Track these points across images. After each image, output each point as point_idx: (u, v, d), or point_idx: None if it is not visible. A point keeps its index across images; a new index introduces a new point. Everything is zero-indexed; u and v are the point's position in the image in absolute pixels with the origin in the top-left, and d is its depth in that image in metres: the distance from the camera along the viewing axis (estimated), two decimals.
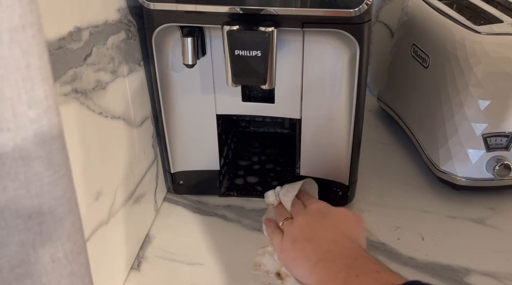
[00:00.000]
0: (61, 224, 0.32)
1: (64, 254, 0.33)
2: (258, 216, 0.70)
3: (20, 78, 0.28)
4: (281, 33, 0.57)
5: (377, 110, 0.94)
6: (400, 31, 0.84)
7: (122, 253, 0.59)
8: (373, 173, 0.78)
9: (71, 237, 0.33)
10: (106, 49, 0.52)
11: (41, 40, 0.29)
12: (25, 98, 0.28)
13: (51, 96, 0.29)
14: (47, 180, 0.30)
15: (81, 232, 0.34)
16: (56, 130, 0.30)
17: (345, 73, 0.61)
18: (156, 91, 0.64)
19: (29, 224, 0.31)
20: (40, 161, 0.30)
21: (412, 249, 0.64)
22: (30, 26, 0.28)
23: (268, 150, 0.83)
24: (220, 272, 0.61)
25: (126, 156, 0.59)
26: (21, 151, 0.29)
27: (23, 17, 0.27)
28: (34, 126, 0.29)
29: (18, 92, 0.28)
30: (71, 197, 0.32)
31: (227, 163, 0.77)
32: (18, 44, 0.27)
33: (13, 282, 0.32)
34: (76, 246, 0.34)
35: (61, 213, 0.32)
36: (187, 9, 0.56)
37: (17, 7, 0.27)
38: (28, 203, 0.30)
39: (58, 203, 0.31)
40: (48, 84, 0.29)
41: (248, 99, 0.67)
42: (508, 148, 0.68)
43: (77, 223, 0.33)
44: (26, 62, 0.28)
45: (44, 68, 0.29)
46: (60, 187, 0.31)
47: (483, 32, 0.65)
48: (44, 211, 0.31)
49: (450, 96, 0.68)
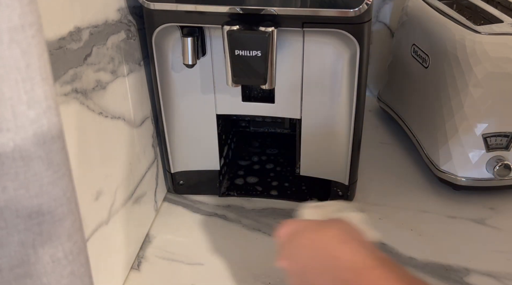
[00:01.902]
0: (61, 224, 0.32)
1: (64, 254, 0.33)
2: (258, 216, 0.70)
3: (20, 78, 0.28)
4: (281, 33, 0.57)
5: (377, 110, 0.94)
6: (400, 31, 0.84)
7: (122, 253, 0.59)
8: (373, 173, 0.78)
9: (71, 237, 0.33)
10: (106, 49, 0.52)
11: (41, 40, 0.28)
12: (25, 98, 0.28)
13: (51, 97, 0.29)
14: (47, 180, 0.30)
15: (81, 232, 0.34)
16: (55, 131, 0.30)
17: (345, 73, 0.61)
18: (156, 91, 0.64)
19: (29, 224, 0.31)
20: (40, 161, 0.30)
21: (412, 249, 0.64)
22: (29, 26, 0.28)
23: (268, 150, 0.83)
24: (220, 272, 0.61)
25: (126, 156, 0.59)
26: (21, 151, 0.29)
27: (22, 17, 0.27)
28: (33, 127, 0.29)
29: (18, 92, 0.28)
30: (71, 197, 0.32)
31: (227, 163, 0.77)
32: (17, 44, 0.27)
33: (13, 282, 0.32)
34: (76, 246, 0.33)
35: (61, 213, 0.32)
36: (187, 9, 0.56)
37: (17, 7, 0.27)
38: (27, 203, 0.30)
39: (58, 203, 0.31)
40: (48, 85, 0.29)
41: (248, 99, 0.67)
42: (508, 148, 0.68)
43: (77, 223, 0.33)
44: (26, 62, 0.28)
45: (44, 68, 0.29)
46: (60, 187, 0.31)
47: (483, 32, 0.65)
48: (44, 211, 0.31)
49: (450, 96, 0.68)
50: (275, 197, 0.73)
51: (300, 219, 0.53)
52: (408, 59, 0.79)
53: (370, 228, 0.56)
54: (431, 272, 0.60)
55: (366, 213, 0.70)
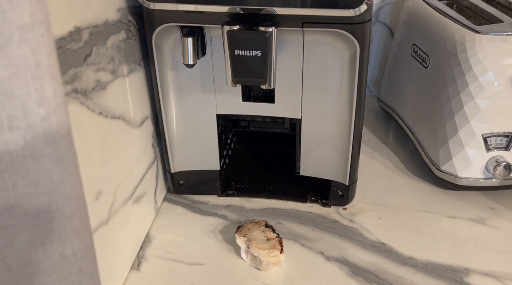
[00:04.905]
0: (69, 221, 0.32)
1: (73, 251, 0.33)
2: (258, 216, 0.70)
3: (30, 76, 0.28)
4: (281, 33, 0.57)
5: (377, 110, 0.94)
6: (400, 31, 0.84)
7: (122, 253, 0.59)
8: (373, 173, 0.78)
9: (80, 234, 0.33)
10: (106, 49, 0.52)
11: (50, 39, 0.29)
12: (35, 96, 0.28)
13: (59, 95, 0.30)
14: (56, 178, 0.31)
15: (89, 229, 0.34)
16: (64, 128, 0.30)
17: (345, 73, 0.61)
18: (156, 91, 0.64)
19: (38, 222, 0.31)
20: (50, 159, 0.30)
21: (412, 249, 0.64)
22: (39, 24, 0.28)
23: (268, 149, 0.83)
24: (220, 272, 0.61)
25: (126, 156, 0.59)
26: (31, 148, 0.29)
27: (32, 16, 0.27)
28: (43, 124, 0.29)
29: (28, 90, 0.28)
30: (79, 194, 0.32)
31: (227, 163, 0.77)
32: (27, 42, 0.27)
33: (22, 281, 0.32)
34: (84, 243, 0.34)
35: (70, 210, 0.32)
36: (187, 9, 0.56)
37: (27, 6, 0.27)
38: (37, 201, 0.30)
39: (67, 201, 0.31)
40: (56, 83, 0.29)
41: (248, 99, 0.67)
42: (508, 148, 0.68)
43: (85, 220, 0.34)
44: (36, 60, 0.28)
45: (53, 67, 0.29)
46: (69, 184, 0.31)
47: (483, 32, 0.65)
48: (53, 208, 0.31)
49: (450, 96, 0.68)
50: (275, 197, 0.73)
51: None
52: (408, 59, 0.80)
53: (369, 227, 0.54)
54: (431, 272, 0.60)
55: (366, 213, 0.70)
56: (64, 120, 0.30)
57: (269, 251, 0.60)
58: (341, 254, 0.63)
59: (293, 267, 0.61)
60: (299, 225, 0.68)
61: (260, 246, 0.60)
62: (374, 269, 0.61)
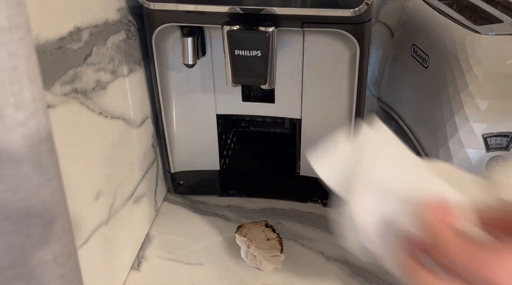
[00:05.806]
0: (50, 226, 0.31)
1: (53, 257, 0.32)
2: (258, 216, 0.70)
3: (7, 80, 0.27)
4: (281, 33, 0.57)
5: (377, 110, 0.94)
6: (400, 31, 0.84)
7: (122, 253, 0.59)
8: None
9: (61, 240, 0.32)
10: (106, 49, 0.52)
11: (29, 42, 0.28)
12: (12, 100, 0.28)
13: (39, 99, 0.29)
14: (36, 183, 0.30)
15: (71, 235, 0.34)
16: (44, 133, 0.30)
17: (345, 73, 0.61)
18: (156, 91, 0.64)
19: (18, 227, 0.30)
20: (28, 164, 0.29)
21: None
22: (17, 28, 0.27)
23: (268, 149, 0.83)
24: (220, 272, 0.61)
25: (126, 156, 0.59)
26: (9, 153, 0.29)
27: (10, 19, 0.27)
28: (21, 129, 0.29)
29: (5, 94, 0.28)
30: (60, 199, 0.32)
31: (227, 163, 0.77)
32: (4, 46, 0.27)
33: (3, 283, 0.31)
34: (66, 249, 0.33)
35: (50, 215, 0.31)
36: (187, 9, 0.56)
37: (4, 9, 0.26)
38: (16, 206, 0.30)
39: (47, 206, 0.31)
40: (36, 87, 0.29)
41: (248, 99, 0.67)
42: (508, 148, 0.68)
43: (66, 225, 0.33)
44: (13, 64, 0.27)
45: (32, 70, 0.28)
46: (49, 190, 0.31)
47: (483, 32, 0.65)
48: (33, 213, 0.30)
49: (450, 96, 0.68)
50: (275, 197, 0.73)
51: None
52: (408, 59, 0.79)
53: None
54: None
55: None
56: (44, 124, 0.30)
57: (269, 251, 0.60)
58: (341, 254, 0.63)
59: (293, 267, 0.61)
60: (299, 225, 0.68)
61: (260, 246, 0.60)
62: (374, 269, 0.60)
